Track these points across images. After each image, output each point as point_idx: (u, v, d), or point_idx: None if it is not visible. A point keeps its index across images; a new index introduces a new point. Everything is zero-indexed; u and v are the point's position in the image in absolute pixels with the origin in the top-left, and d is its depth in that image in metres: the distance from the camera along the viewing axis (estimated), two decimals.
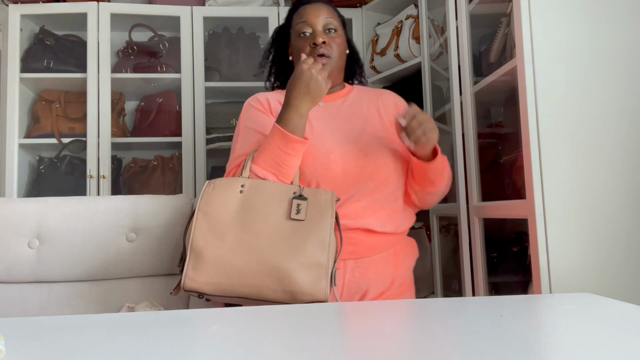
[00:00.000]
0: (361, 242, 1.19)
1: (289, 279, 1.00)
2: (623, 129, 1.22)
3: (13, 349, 0.63)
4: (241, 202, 1.07)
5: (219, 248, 1.03)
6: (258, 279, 1.01)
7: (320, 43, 1.26)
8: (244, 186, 1.09)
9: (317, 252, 1.04)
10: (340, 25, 1.35)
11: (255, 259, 1.02)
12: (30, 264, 1.31)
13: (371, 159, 1.23)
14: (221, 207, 1.06)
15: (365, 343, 0.63)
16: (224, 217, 1.06)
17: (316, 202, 1.09)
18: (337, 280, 1.11)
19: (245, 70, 2.49)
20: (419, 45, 2.13)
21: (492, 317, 0.75)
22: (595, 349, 0.58)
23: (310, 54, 1.26)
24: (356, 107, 1.33)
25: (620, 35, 1.24)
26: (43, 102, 2.36)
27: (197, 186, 2.34)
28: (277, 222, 1.05)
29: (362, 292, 1.20)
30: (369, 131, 1.28)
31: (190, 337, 0.67)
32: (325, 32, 1.30)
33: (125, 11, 2.36)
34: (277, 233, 1.04)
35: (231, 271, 1.01)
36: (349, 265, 1.19)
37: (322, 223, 1.06)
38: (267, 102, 1.32)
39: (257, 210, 1.06)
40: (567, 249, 1.17)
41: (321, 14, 1.30)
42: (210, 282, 1.01)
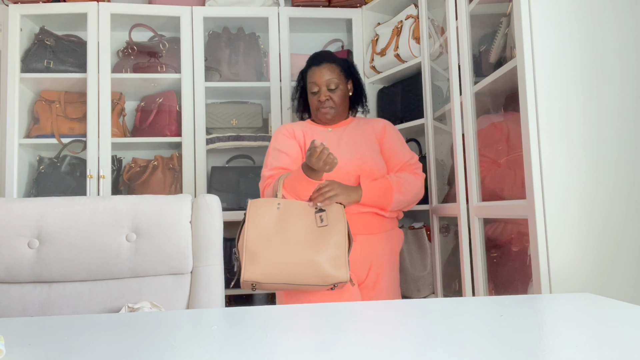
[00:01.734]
0: (370, 221, 1.69)
1: (320, 267, 1.45)
2: (623, 129, 1.22)
3: (13, 349, 0.63)
4: (280, 216, 1.52)
5: (269, 248, 1.46)
6: (299, 270, 1.45)
7: (324, 100, 1.78)
8: (279, 204, 1.54)
9: (335, 249, 1.49)
10: (342, 78, 1.81)
11: (296, 255, 1.45)
12: (30, 264, 1.31)
13: (367, 164, 1.72)
14: (265, 220, 1.50)
15: (365, 343, 0.63)
16: (269, 226, 1.49)
17: (332, 212, 1.55)
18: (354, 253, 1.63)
19: (245, 70, 2.49)
20: (419, 45, 2.13)
21: (492, 317, 0.75)
22: (595, 349, 0.58)
23: (318, 107, 1.79)
24: (355, 131, 1.82)
25: (620, 35, 1.24)
26: (43, 102, 2.36)
27: (197, 186, 2.34)
28: (307, 229, 1.51)
29: (370, 262, 1.68)
30: (365, 146, 1.77)
31: (190, 337, 0.67)
32: (328, 90, 1.78)
33: (125, 11, 2.36)
34: (309, 237, 1.49)
35: (280, 265, 1.44)
36: (362, 240, 1.67)
37: (338, 229, 1.52)
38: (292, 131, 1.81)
39: (293, 221, 1.51)
40: (567, 249, 1.17)
41: (325, 75, 1.78)
42: (263, 272, 1.44)
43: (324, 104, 1.77)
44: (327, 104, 1.77)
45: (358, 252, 1.65)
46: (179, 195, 1.44)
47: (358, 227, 1.65)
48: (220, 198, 1.50)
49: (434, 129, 2.04)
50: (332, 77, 1.78)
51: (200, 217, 1.40)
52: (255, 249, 1.45)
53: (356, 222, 1.65)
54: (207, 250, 1.39)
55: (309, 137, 1.79)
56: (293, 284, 1.45)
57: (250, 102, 2.58)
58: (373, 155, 1.75)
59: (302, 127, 1.83)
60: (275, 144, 1.79)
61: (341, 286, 1.49)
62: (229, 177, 2.47)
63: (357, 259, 1.65)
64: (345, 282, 1.47)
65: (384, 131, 1.83)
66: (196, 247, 1.38)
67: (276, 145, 1.78)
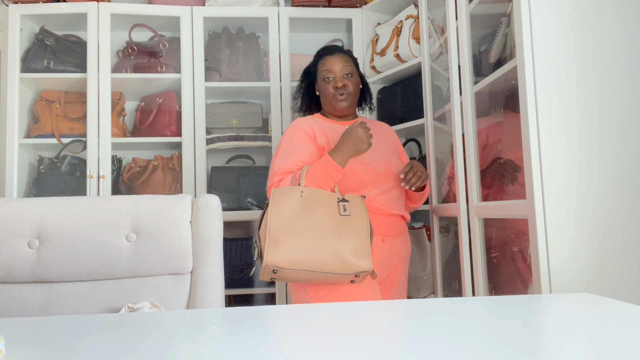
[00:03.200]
0: (397, 224, 1.70)
1: (343, 255, 1.43)
2: (623, 128, 1.22)
3: (13, 349, 0.63)
4: (302, 204, 1.49)
5: (291, 234, 1.43)
6: (322, 257, 1.42)
7: (341, 86, 1.72)
8: (302, 192, 1.51)
9: (358, 239, 1.47)
10: (354, 68, 1.78)
11: (320, 242, 1.44)
12: (30, 264, 1.31)
13: (393, 167, 1.71)
14: (288, 207, 1.48)
15: (365, 343, 0.63)
16: (292, 213, 1.47)
17: (354, 204, 1.53)
18: (381, 250, 1.64)
19: (245, 70, 2.49)
20: (419, 45, 2.13)
21: (492, 317, 0.75)
22: (595, 349, 0.58)
23: (334, 94, 1.73)
24: (373, 132, 1.75)
25: (620, 35, 1.24)
26: (43, 102, 2.36)
27: (197, 186, 2.34)
28: (331, 217, 1.49)
29: (395, 261, 1.69)
30: (388, 149, 1.77)
31: (190, 337, 0.67)
32: (344, 77, 1.74)
33: (125, 11, 2.36)
34: (331, 225, 1.47)
35: (303, 250, 1.42)
36: (389, 241, 1.67)
37: (360, 219, 1.50)
38: (312, 130, 1.72)
39: (315, 209, 1.49)
40: (567, 249, 1.17)
41: (340, 62, 1.74)
42: (287, 257, 1.41)
43: (341, 90, 1.72)
44: (344, 90, 1.73)
45: (386, 252, 1.65)
46: (179, 195, 1.44)
47: (387, 228, 1.66)
48: (220, 198, 1.51)
49: (434, 129, 2.04)
50: (347, 65, 1.75)
51: (200, 217, 1.40)
52: (278, 234, 1.43)
53: (385, 223, 1.66)
54: (207, 250, 1.39)
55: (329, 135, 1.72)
56: (316, 271, 1.42)
57: (250, 102, 2.58)
58: (395, 159, 1.75)
59: (318, 124, 1.76)
60: (287, 143, 1.69)
61: (363, 276, 1.45)
62: (229, 177, 2.47)
63: (384, 258, 1.64)
64: (367, 272, 1.44)
65: (397, 139, 1.88)
66: (196, 247, 1.38)
67: (289, 147, 1.68)
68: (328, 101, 1.77)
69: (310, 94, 1.86)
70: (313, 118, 1.79)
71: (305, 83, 1.89)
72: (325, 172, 1.56)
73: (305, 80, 1.89)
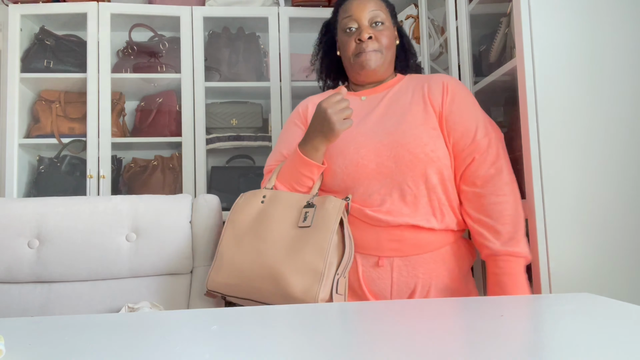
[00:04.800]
0: (407, 239, 1.15)
1: (284, 282, 1.05)
2: (623, 128, 1.22)
3: (13, 349, 0.63)
4: (260, 212, 1.16)
5: (235, 252, 1.12)
6: (260, 282, 1.07)
7: (366, 39, 1.23)
8: (265, 196, 1.18)
9: (313, 258, 1.06)
10: (388, 16, 1.30)
11: (259, 263, 1.08)
12: (30, 264, 1.31)
13: (407, 150, 1.16)
14: (244, 216, 1.16)
15: (365, 343, 0.63)
16: (244, 224, 1.15)
17: (323, 209, 1.12)
18: (384, 280, 1.16)
19: (245, 70, 2.49)
20: (419, 45, 2.13)
21: (492, 317, 0.75)
22: (595, 349, 0.58)
23: (357, 51, 1.25)
24: (398, 98, 1.26)
25: (620, 35, 1.24)
26: (43, 102, 2.36)
27: (197, 186, 2.34)
28: (286, 229, 1.11)
29: (410, 291, 1.16)
30: (409, 120, 1.19)
31: (190, 337, 0.67)
32: (371, 26, 1.25)
33: (125, 11, 2.36)
34: (282, 239, 1.10)
35: (241, 273, 1.09)
36: (395, 264, 1.16)
37: (323, 230, 1.09)
38: (306, 112, 1.34)
39: (272, 218, 1.14)
40: (567, 249, 1.17)
41: (367, 6, 1.26)
42: (226, 282, 1.11)
43: (366, 45, 1.23)
44: (370, 46, 1.23)
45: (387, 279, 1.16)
46: (179, 195, 1.44)
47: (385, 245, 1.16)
48: (220, 198, 1.50)
49: None
50: (377, 10, 1.26)
51: (200, 217, 1.40)
52: (224, 252, 1.13)
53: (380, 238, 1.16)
54: (207, 250, 1.39)
55: None
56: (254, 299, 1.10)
57: (250, 102, 2.58)
58: (418, 133, 1.18)
59: (321, 98, 1.34)
60: (282, 134, 1.36)
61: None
62: (229, 177, 2.47)
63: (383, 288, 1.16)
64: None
65: (445, 96, 1.23)
66: (196, 247, 1.38)
67: (281, 138, 1.34)
68: (349, 62, 1.28)
69: (332, 56, 1.38)
70: (325, 93, 1.38)
71: (324, 42, 1.40)
72: (295, 169, 1.18)
73: (325, 38, 1.40)
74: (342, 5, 1.31)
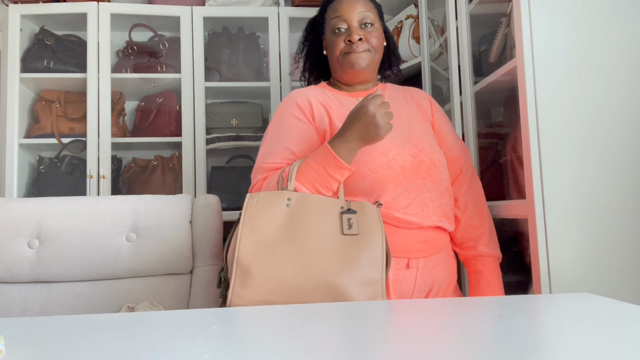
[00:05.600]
0: (431, 239, 1.18)
1: (346, 296, 0.97)
2: (623, 128, 1.22)
3: (13, 349, 0.63)
4: (289, 217, 1.04)
5: (269, 264, 0.98)
6: (312, 296, 0.97)
7: (357, 40, 1.23)
8: (290, 199, 1.06)
9: (371, 269, 1.01)
10: (377, 17, 1.30)
11: (309, 275, 0.98)
12: (30, 264, 1.31)
13: (426, 155, 1.19)
14: (268, 221, 1.03)
15: (366, 343, 0.63)
16: (272, 231, 1.02)
17: (365, 216, 1.06)
18: (405, 278, 1.16)
19: (245, 70, 2.49)
20: (419, 45, 2.13)
21: (492, 317, 0.75)
22: (595, 349, 0.58)
23: (346, 50, 1.24)
24: (396, 104, 1.29)
25: (620, 35, 1.24)
26: (43, 102, 2.36)
27: (197, 186, 2.34)
28: (330, 237, 1.03)
29: (427, 289, 1.19)
30: (416, 127, 1.24)
31: (190, 337, 0.67)
32: (361, 27, 1.25)
33: (125, 11, 2.36)
34: (330, 248, 1.01)
35: (283, 288, 0.97)
36: (420, 264, 1.17)
37: (374, 238, 1.04)
38: (309, 105, 1.25)
39: (307, 225, 1.03)
40: (567, 249, 1.17)
41: (357, 7, 1.25)
42: (260, 299, 0.96)
43: (356, 46, 1.23)
44: (360, 47, 1.23)
45: (413, 280, 1.17)
46: (179, 195, 1.44)
47: (415, 247, 1.16)
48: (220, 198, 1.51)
49: None
50: (367, 11, 1.26)
51: (200, 217, 1.40)
52: (250, 263, 0.98)
53: (410, 240, 1.16)
54: (207, 250, 1.39)
55: (334, 110, 1.25)
56: None
57: (250, 102, 2.58)
58: (428, 140, 1.23)
59: (320, 95, 1.28)
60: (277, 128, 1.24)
61: None
62: (229, 177, 2.47)
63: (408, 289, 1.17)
64: None
65: (432, 111, 1.32)
66: (196, 247, 1.39)
67: (278, 133, 1.22)
68: (337, 61, 1.27)
69: (317, 54, 1.38)
70: (315, 88, 1.32)
71: (309, 39, 1.40)
72: (324, 170, 1.09)
73: (310, 36, 1.40)
74: (331, 5, 1.30)
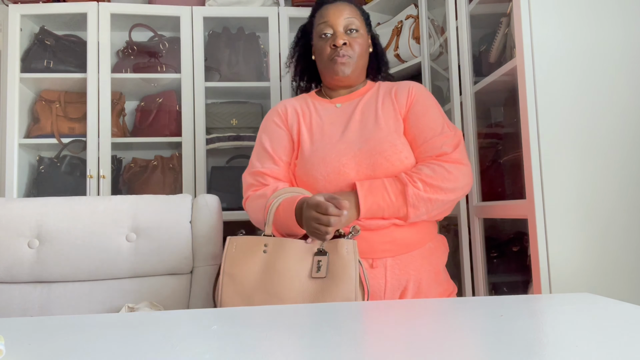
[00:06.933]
0: (396, 239, 1.20)
1: None
2: (623, 128, 1.22)
3: (13, 349, 0.63)
4: (265, 264, 1.08)
5: None
6: None
7: (341, 45, 1.29)
8: (267, 246, 1.10)
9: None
10: (363, 24, 1.36)
11: None
12: (30, 264, 1.31)
13: (383, 156, 1.21)
14: (246, 270, 1.08)
15: (365, 343, 0.63)
16: (250, 280, 1.07)
17: (337, 255, 1.07)
18: (379, 279, 1.19)
19: (245, 70, 2.49)
20: (419, 45, 2.13)
21: (492, 317, 0.75)
22: (595, 349, 0.58)
23: (331, 56, 1.30)
24: (370, 105, 1.32)
25: (620, 35, 1.24)
26: (43, 102, 2.36)
27: (197, 186, 2.34)
28: (301, 282, 1.05)
29: (402, 288, 1.22)
30: (382, 128, 1.26)
31: (190, 337, 0.67)
32: (346, 33, 1.31)
33: (125, 11, 2.36)
34: (301, 295, 1.04)
35: None
36: (388, 264, 1.20)
37: (345, 279, 1.05)
38: (285, 113, 1.35)
39: (281, 271, 1.07)
40: (567, 249, 1.17)
41: (343, 14, 1.31)
42: None
43: (341, 50, 1.29)
44: (344, 51, 1.29)
45: (381, 278, 1.20)
46: (179, 195, 1.44)
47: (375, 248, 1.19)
48: (220, 198, 1.50)
49: None
50: (352, 17, 1.32)
51: (200, 217, 1.40)
52: None
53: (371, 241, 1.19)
54: (207, 250, 1.39)
55: (307, 117, 1.33)
56: None
57: (250, 102, 2.58)
58: (390, 140, 1.24)
59: (300, 103, 1.37)
60: (262, 134, 1.35)
61: None
62: (229, 177, 2.47)
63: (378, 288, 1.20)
64: None
65: (410, 100, 1.31)
66: (196, 247, 1.38)
67: (262, 138, 1.34)
68: (324, 66, 1.33)
69: (307, 59, 1.44)
70: (300, 98, 1.40)
71: (299, 46, 1.47)
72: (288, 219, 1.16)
73: (300, 42, 1.46)
74: (319, 11, 1.36)
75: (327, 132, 1.29)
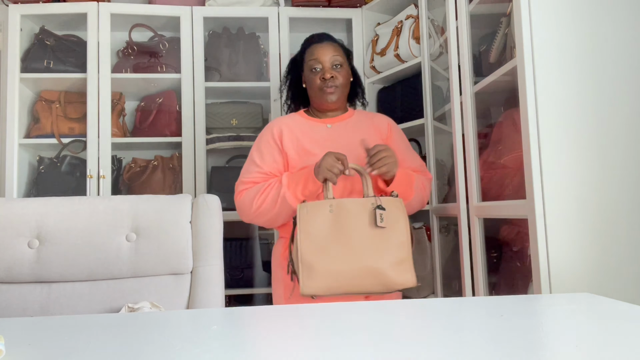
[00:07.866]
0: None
1: (384, 275, 1.34)
2: (623, 128, 1.22)
3: (13, 349, 0.63)
4: (333, 220, 1.39)
5: (326, 261, 1.35)
6: (360, 279, 1.34)
7: (329, 78, 1.59)
8: (332, 206, 1.41)
9: (399, 251, 1.37)
10: (345, 59, 1.65)
11: (356, 263, 1.34)
12: (30, 264, 1.31)
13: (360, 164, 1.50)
14: (319, 225, 1.39)
15: (366, 343, 0.63)
16: (323, 232, 1.38)
17: (391, 209, 1.40)
18: None
19: (245, 70, 2.49)
20: (419, 45, 2.13)
21: (492, 317, 0.75)
22: (595, 349, 0.58)
23: (321, 86, 1.60)
24: (358, 127, 1.63)
25: (620, 35, 1.24)
26: (43, 102, 2.36)
27: (197, 186, 2.34)
28: (365, 231, 1.37)
29: None
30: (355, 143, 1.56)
31: (190, 337, 0.67)
32: (332, 68, 1.61)
33: (125, 11, 2.36)
34: (367, 240, 1.36)
35: (339, 276, 1.35)
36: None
37: (399, 228, 1.38)
38: (280, 132, 1.61)
39: (348, 224, 1.38)
40: (567, 249, 1.17)
41: (330, 52, 1.61)
42: (324, 285, 1.35)
43: (329, 82, 1.58)
44: (332, 82, 1.59)
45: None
46: (179, 195, 1.44)
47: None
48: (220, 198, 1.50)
49: (434, 129, 2.04)
50: (337, 55, 1.62)
51: (200, 217, 1.40)
52: (312, 261, 1.35)
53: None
54: (207, 250, 1.39)
55: (299, 136, 1.60)
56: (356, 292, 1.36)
57: (250, 102, 2.58)
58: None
59: (294, 123, 1.65)
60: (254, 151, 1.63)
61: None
62: (229, 177, 2.47)
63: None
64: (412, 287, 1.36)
65: (389, 132, 1.66)
66: (196, 247, 1.38)
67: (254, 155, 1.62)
68: (315, 94, 1.63)
69: (298, 86, 1.74)
70: (293, 117, 1.68)
71: (291, 74, 1.76)
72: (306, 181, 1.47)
73: (292, 72, 1.76)
74: (309, 49, 1.66)
75: (320, 149, 1.55)
